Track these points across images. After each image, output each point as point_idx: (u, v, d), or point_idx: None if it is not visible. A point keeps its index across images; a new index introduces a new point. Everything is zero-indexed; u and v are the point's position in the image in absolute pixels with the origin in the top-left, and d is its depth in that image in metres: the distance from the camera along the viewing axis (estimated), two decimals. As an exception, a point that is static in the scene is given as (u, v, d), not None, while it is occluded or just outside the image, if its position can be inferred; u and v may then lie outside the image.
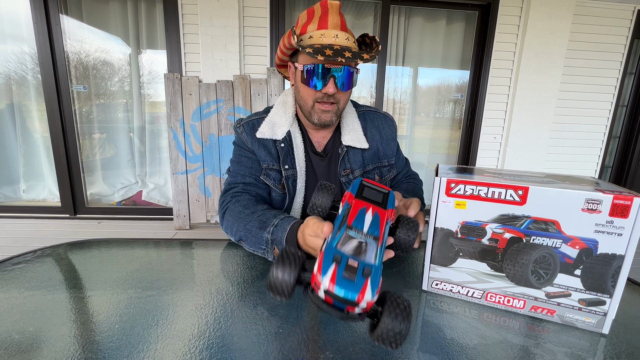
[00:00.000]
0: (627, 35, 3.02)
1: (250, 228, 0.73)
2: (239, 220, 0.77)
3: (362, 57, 0.74)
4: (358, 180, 0.52)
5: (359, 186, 0.50)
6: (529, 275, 0.54)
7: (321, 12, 0.78)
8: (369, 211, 0.45)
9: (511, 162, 3.10)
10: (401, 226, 0.48)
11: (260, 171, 0.90)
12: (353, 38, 0.80)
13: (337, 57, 0.71)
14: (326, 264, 0.38)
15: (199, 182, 2.81)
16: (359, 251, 0.41)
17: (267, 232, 0.69)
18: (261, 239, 0.70)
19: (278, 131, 0.89)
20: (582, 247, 0.50)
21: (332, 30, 0.76)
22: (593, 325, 0.53)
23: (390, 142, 0.97)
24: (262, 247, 0.71)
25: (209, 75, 2.71)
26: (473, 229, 0.56)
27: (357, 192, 0.49)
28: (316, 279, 0.38)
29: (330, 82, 0.77)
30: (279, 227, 0.68)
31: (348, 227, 0.43)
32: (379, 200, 0.48)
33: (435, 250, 0.60)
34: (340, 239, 0.42)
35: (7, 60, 2.81)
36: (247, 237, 0.74)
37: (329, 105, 0.81)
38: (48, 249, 0.79)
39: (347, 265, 0.39)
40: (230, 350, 0.47)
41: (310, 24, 0.79)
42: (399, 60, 3.07)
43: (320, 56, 0.70)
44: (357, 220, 0.43)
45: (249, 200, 0.82)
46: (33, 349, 0.46)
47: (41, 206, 3.05)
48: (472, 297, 0.59)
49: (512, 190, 0.52)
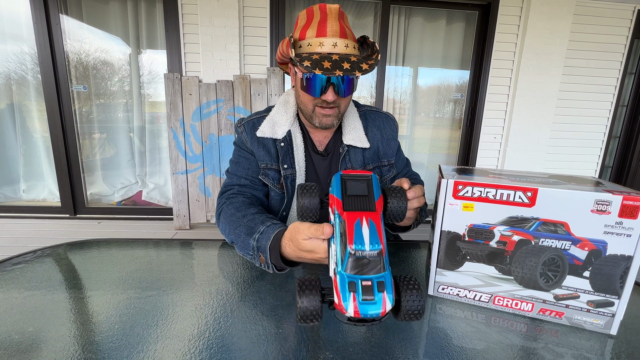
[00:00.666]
0: (627, 35, 3.03)
1: (239, 233, 0.73)
2: (231, 224, 0.76)
3: (360, 67, 0.72)
4: (337, 176, 0.50)
5: (341, 183, 0.49)
6: (538, 278, 0.53)
7: (320, 17, 0.76)
8: (363, 223, 0.45)
9: (511, 162, 3.10)
10: (390, 198, 0.49)
11: (258, 172, 0.90)
12: (353, 41, 0.78)
13: (335, 70, 0.70)
14: (343, 294, 0.41)
15: (199, 182, 2.80)
16: (368, 269, 0.43)
17: (253, 239, 0.68)
18: (248, 245, 0.69)
19: (278, 130, 0.88)
20: (591, 248, 0.50)
21: (330, 38, 0.75)
22: (601, 326, 0.52)
23: (390, 142, 0.97)
24: (250, 254, 0.69)
25: (209, 75, 2.71)
26: (481, 231, 0.55)
27: (342, 191, 0.48)
28: (340, 308, 0.41)
29: (329, 90, 0.76)
30: (264, 234, 0.66)
31: (350, 252, 0.43)
32: (365, 193, 0.48)
33: (442, 254, 0.59)
34: (347, 264, 0.43)
35: (7, 60, 2.81)
36: (237, 241, 0.73)
37: (330, 109, 0.81)
38: (48, 249, 0.78)
39: (363, 287, 0.41)
40: (230, 350, 0.47)
41: (309, 28, 0.77)
42: (399, 60, 3.07)
43: (318, 70, 0.69)
44: (357, 240, 0.44)
45: (242, 203, 0.81)
46: (33, 349, 0.46)
47: (41, 206, 3.04)
48: (480, 301, 0.58)
49: (521, 192, 0.51)
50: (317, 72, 0.70)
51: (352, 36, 0.79)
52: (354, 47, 0.78)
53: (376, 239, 0.44)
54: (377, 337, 0.50)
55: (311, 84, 0.76)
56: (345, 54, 0.74)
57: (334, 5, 0.76)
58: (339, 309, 0.42)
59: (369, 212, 0.46)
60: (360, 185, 0.49)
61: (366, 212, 0.46)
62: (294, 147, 0.89)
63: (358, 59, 0.74)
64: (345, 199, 0.47)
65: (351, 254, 0.43)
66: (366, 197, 0.48)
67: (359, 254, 0.43)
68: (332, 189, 0.50)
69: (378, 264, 0.43)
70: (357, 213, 0.46)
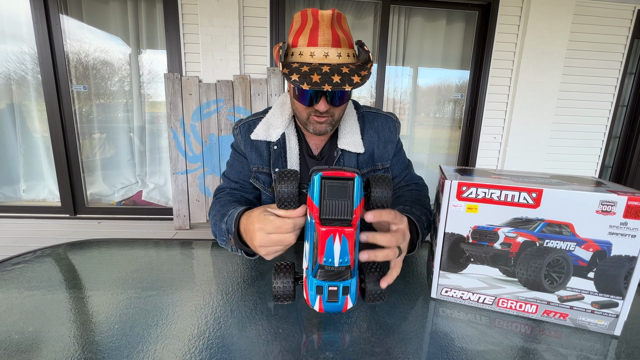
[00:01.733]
0: (627, 35, 3.03)
1: (216, 222, 0.74)
2: (212, 218, 0.77)
3: (352, 81, 0.68)
4: (318, 177, 0.45)
5: (320, 186, 0.45)
6: (542, 279, 0.53)
7: (312, 24, 0.72)
8: (336, 240, 0.45)
9: (511, 162, 3.10)
10: (373, 186, 0.48)
11: (250, 175, 0.90)
12: (348, 48, 0.73)
13: (323, 85, 0.66)
14: (312, 295, 0.49)
15: (199, 182, 2.80)
16: (336, 278, 0.47)
17: (223, 222, 0.69)
18: (222, 230, 0.70)
19: (273, 133, 0.87)
20: (595, 249, 0.49)
21: (322, 48, 0.71)
22: (605, 327, 0.52)
23: (387, 145, 0.93)
24: (223, 239, 0.71)
25: (209, 75, 2.70)
26: (485, 233, 0.54)
27: (320, 195, 0.45)
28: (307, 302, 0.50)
29: (322, 101, 0.74)
30: (231, 216, 0.67)
31: (320, 266, 0.46)
32: (344, 198, 0.45)
33: (445, 257, 0.58)
34: (317, 273, 0.47)
35: (7, 60, 2.80)
36: (215, 231, 0.75)
37: (324, 117, 0.79)
38: (48, 249, 0.78)
39: (329, 292, 0.48)
40: (230, 350, 0.46)
41: (301, 35, 0.73)
42: (399, 60, 3.07)
43: (306, 85, 0.67)
44: (327, 255, 0.45)
45: (228, 201, 0.82)
46: (32, 349, 0.45)
47: (41, 206, 3.04)
48: (484, 303, 0.58)
49: (526, 193, 0.51)
50: (305, 88, 0.67)
51: (346, 42, 0.74)
52: (347, 56, 0.73)
53: (346, 255, 0.46)
54: (377, 337, 0.50)
55: (303, 94, 0.75)
56: (338, 64, 0.70)
57: (326, 11, 0.72)
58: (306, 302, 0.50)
59: (343, 227, 0.45)
60: (341, 189, 0.45)
61: (340, 228, 0.45)
62: (288, 150, 0.87)
63: (351, 69, 0.70)
64: (322, 205, 0.45)
65: (321, 266, 0.46)
66: (345, 203, 0.45)
67: (328, 267, 0.46)
68: (310, 190, 0.47)
69: (345, 274, 0.47)
70: (331, 229, 0.44)
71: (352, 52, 0.75)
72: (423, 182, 0.97)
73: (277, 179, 0.48)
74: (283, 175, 0.48)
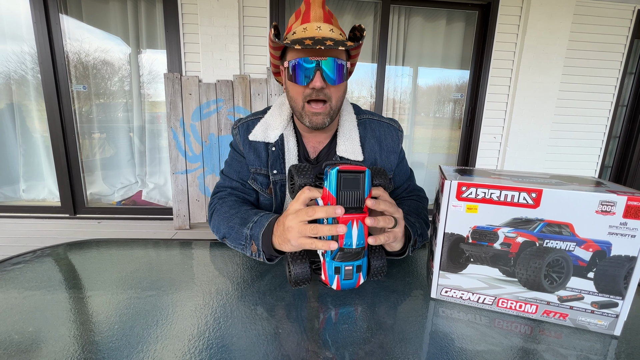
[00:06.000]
0: (627, 35, 3.03)
1: (233, 225, 0.74)
2: (224, 219, 0.77)
3: (345, 44, 0.70)
4: (335, 171, 0.52)
5: (337, 179, 0.52)
6: (542, 280, 0.53)
7: (305, 8, 0.77)
8: (354, 225, 0.53)
9: (511, 162, 3.10)
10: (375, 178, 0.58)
11: (249, 176, 0.89)
12: (339, 31, 0.77)
13: (316, 45, 0.68)
14: (330, 275, 0.57)
15: (199, 182, 2.80)
16: (352, 258, 0.55)
17: (247, 227, 0.71)
18: (241, 234, 0.71)
19: (271, 134, 0.86)
20: (595, 249, 0.49)
21: (314, 23, 0.74)
22: (605, 327, 0.52)
23: (390, 155, 0.91)
24: (242, 243, 0.72)
25: (208, 75, 2.70)
26: (485, 233, 0.54)
27: (337, 187, 0.52)
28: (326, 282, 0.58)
29: (316, 76, 0.73)
30: (257, 223, 0.69)
31: (340, 249, 0.54)
32: (357, 189, 0.53)
33: (445, 257, 0.58)
34: (336, 256, 0.55)
35: (7, 60, 2.80)
36: (229, 233, 0.75)
37: (321, 106, 0.77)
38: (47, 249, 0.78)
39: (346, 271, 0.56)
40: (230, 350, 0.46)
41: (295, 22, 0.78)
42: (399, 60, 3.07)
43: (298, 45, 0.68)
44: (347, 239, 0.54)
45: (235, 202, 0.83)
46: (32, 349, 0.45)
47: (41, 206, 3.04)
48: (483, 303, 0.58)
49: (526, 193, 0.51)
50: (297, 48, 0.70)
51: (337, 25, 0.78)
52: (340, 34, 0.76)
53: (362, 238, 0.55)
54: (377, 337, 0.50)
55: (297, 71, 0.74)
56: (329, 37, 0.73)
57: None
58: (324, 282, 0.58)
59: (359, 214, 0.54)
60: (354, 181, 0.53)
61: (357, 215, 0.53)
62: (286, 152, 0.86)
63: (343, 40, 0.74)
64: (339, 195, 0.53)
65: (340, 249, 0.54)
66: (357, 193, 0.53)
67: (346, 250, 0.54)
68: (327, 182, 0.54)
69: (360, 254, 0.56)
70: (349, 216, 0.53)
71: (344, 35, 0.80)
72: (424, 194, 0.96)
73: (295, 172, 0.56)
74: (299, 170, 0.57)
